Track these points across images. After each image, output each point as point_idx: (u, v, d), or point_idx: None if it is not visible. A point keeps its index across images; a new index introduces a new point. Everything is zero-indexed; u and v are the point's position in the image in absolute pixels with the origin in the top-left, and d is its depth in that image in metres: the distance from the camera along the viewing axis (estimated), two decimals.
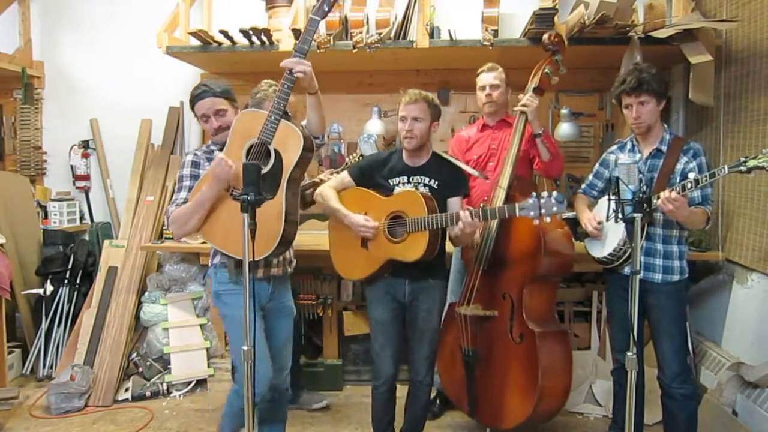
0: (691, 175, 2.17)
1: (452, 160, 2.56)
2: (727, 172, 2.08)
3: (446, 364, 2.87)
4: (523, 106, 2.74)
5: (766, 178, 2.86)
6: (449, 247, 2.59)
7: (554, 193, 2.08)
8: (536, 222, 2.11)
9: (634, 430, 2.03)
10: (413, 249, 2.34)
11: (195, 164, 2.33)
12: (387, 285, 2.48)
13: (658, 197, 2.19)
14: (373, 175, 2.51)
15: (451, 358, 2.81)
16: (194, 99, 2.34)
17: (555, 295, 2.79)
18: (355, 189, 2.53)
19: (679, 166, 2.37)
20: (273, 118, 2.12)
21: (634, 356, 1.96)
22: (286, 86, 2.14)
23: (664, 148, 2.42)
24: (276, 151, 2.15)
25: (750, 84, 3.02)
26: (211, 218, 2.20)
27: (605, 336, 3.45)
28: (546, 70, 2.80)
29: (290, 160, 2.14)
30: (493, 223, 2.66)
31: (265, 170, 2.12)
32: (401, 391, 2.61)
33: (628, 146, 2.55)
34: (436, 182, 2.45)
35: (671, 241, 2.43)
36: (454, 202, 2.47)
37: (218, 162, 2.12)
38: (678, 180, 2.33)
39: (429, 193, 2.42)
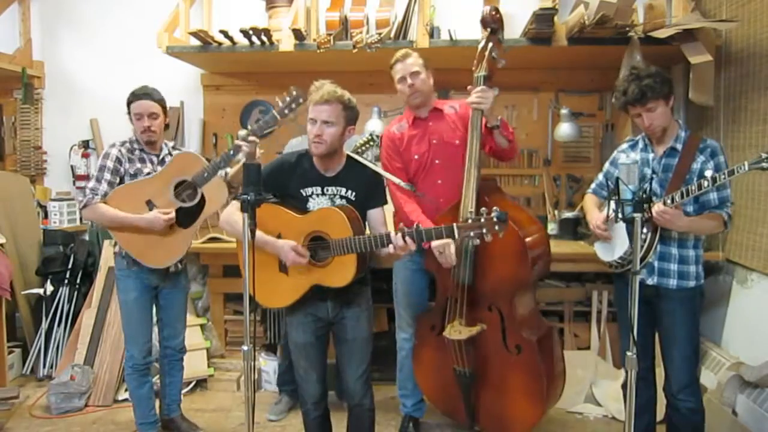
0: (708, 173, 2.05)
1: (370, 164, 2.24)
2: (747, 169, 1.95)
3: (430, 382, 2.76)
4: (476, 104, 2.46)
5: (767, 178, 2.87)
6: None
7: (495, 211, 1.89)
8: (476, 242, 1.92)
9: None
10: (341, 274, 2.11)
11: (119, 161, 2.63)
12: (308, 306, 2.23)
13: (665, 203, 2.11)
14: (281, 182, 2.21)
15: (435, 375, 2.71)
16: (134, 98, 2.64)
17: (535, 293, 2.74)
18: (263, 206, 2.13)
19: (696, 166, 2.24)
20: (212, 170, 2.52)
21: (634, 356, 1.96)
22: (232, 153, 2.50)
23: (679, 147, 2.28)
24: (203, 196, 2.57)
25: (750, 84, 3.02)
26: (139, 242, 2.61)
27: (605, 336, 3.45)
28: (493, 54, 2.51)
29: (211, 209, 2.60)
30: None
31: (187, 206, 2.58)
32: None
33: (640, 145, 2.40)
34: (354, 193, 2.21)
35: (687, 245, 2.30)
36: (375, 215, 2.24)
37: (155, 221, 2.53)
38: (695, 180, 2.19)
39: (348, 206, 2.17)
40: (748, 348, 2.98)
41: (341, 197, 2.21)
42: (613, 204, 2.06)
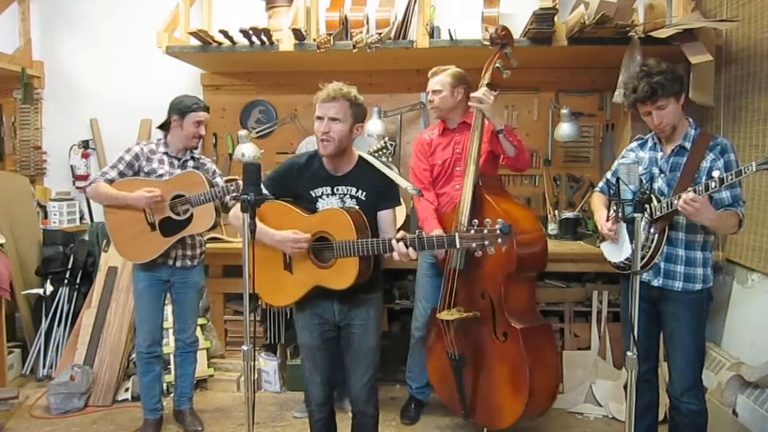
0: (716, 173, 2.00)
1: (381, 167, 2.20)
2: (755, 169, 1.91)
3: (437, 371, 2.86)
4: (478, 102, 2.65)
5: (767, 178, 2.87)
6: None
7: (500, 222, 1.86)
8: (478, 254, 1.90)
9: None
10: (342, 276, 2.07)
11: (137, 157, 2.83)
12: (314, 306, 2.21)
13: (680, 197, 2.05)
14: (290, 184, 2.18)
15: (441, 364, 2.80)
16: (194, 107, 2.84)
17: (533, 289, 2.80)
18: (273, 204, 2.14)
19: (705, 164, 2.17)
20: (208, 195, 2.68)
21: (634, 356, 1.95)
22: (232, 188, 2.66)
23: (687, 145, 2.22)
24: (192, 215, 2.74)
25: (750, 84, 3.02)
26: (122, 231, 2.84)
27: (605, 336, 3.45)
28: (497, 65, 2.74)
29: (194, 229, 2.78)
30: (463, 222, 2.59)
31: (175, 218, 2.76)
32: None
33: (649, 143, 2.36)
34: (364, 193, 2.15)
35: (695, 247, 2.24)
36: (385, 216, 2.18)
37: (140, 198, 2.68)
38: (703, 179, 2.13)
39: (357, 207, 2.14)
40: (748, 348, 2.98)
41: (351, 197, 2.16)
42: (614, 204, 2.05)
